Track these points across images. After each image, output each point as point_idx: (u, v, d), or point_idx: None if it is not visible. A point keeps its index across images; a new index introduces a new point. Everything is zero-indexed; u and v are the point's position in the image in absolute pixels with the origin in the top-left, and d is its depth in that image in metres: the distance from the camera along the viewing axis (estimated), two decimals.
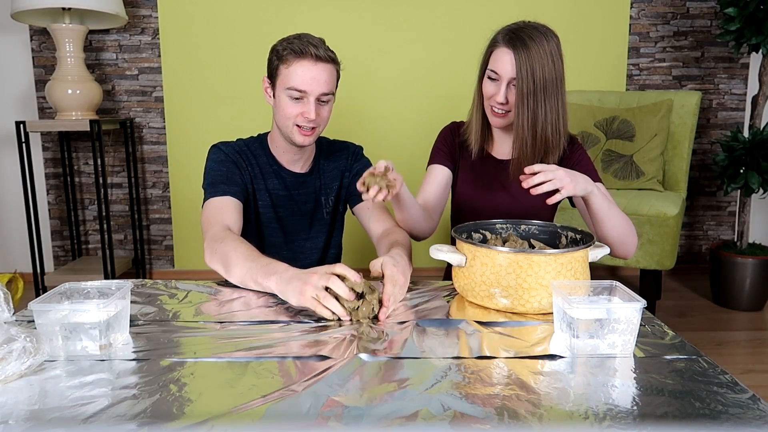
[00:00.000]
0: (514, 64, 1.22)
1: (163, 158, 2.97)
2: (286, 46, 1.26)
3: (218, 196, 1.30)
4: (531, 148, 1.27)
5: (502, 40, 1.25)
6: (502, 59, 1.25)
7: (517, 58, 1.22)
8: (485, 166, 1.42)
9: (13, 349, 0.76)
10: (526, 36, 1.23)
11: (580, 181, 1.11)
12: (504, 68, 1.25)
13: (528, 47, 1.21)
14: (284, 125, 1.31)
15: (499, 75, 1.26)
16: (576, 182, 1.10)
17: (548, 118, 1.25)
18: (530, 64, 1.21)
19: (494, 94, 1.28)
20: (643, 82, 2.98)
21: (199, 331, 0.93)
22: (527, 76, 1.22)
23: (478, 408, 0.68)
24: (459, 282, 1.07)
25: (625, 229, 1.23)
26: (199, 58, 2.86)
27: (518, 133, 1.27)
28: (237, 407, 0.68)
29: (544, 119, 1.25)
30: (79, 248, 2.99)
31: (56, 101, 2.52)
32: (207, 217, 1.29)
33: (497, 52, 1.26)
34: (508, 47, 1.24)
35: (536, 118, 1.25)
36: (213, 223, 1.25)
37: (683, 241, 3.16)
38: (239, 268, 1.11)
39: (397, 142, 2.94)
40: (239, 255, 1.12)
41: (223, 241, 1.17)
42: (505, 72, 1.25)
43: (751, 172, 2.47)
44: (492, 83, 1.29)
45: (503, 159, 1.42)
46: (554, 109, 1.25)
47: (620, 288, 0.90)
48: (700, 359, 0.82)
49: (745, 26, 2.42)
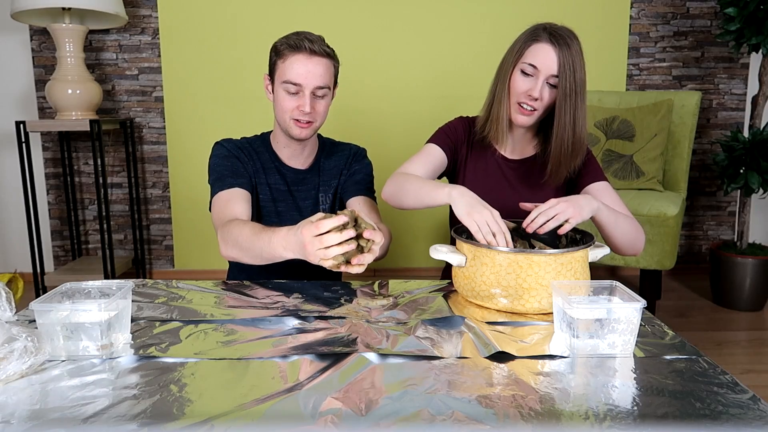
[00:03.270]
0: (557, 60, 1.21)
1: (163, 158, 2.97)
2: (283, 41, 1.31)
3: (226, 189, 1.32)
4: (570, 148, 1.26)
5: (545, 34, 1.23)
6: (545, 54, 1.22)
7: (560, 55, 1.21)
8: (497, 165, 1.40)
9: (14, 349, 0.76)
10: (565, 35, 1.23)
11: (583, 204, 1.11)
12: (546, 63, 1.22)
13: (569, 46, 1.21)
14: (282, 119, 1.34)
15: (538, 70, 1.23)
16: (580, 207, 1.10)
17: (583, 120, 1.25)
18: (573, 63, 1.21)
19: (529, 89, 1.25)
20: (643, 82, 2.98)
21: (199, 331, 0.93)
22: (570, 74, 1.21)
23: (479, 408, 0.68)
24: (459, 282, 1.07)
25: (633, 232, 1.25)
26: (199, 58, 2.86)
27: (558, 132, 1.25)
28: (237, 407, 0.68)
29: (582, 121, 1.25)
30: (79, 248, 2.99)
31: (56, 101, 2.52)
32: (216, 212, 1.31)
33: (538, 46, 1.23)
34: (552, 43, 1.22)
35: (576, 118, 1.24)
36: (222, 217, 1.27)
37: (683, 241, 3.16)
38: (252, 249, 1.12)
39: (396, 142, 2.94)
40: (246, 237, 1.13)
41: (230, 230, 1.19)
42: (546, 67, 1.22)
43: (751, 172, 2.47)
44: (526, 78, 1.26)
45: (515, 159, 1.40)
46: (584, 110, 1.26)
47: (620, 288, 0.90)
48: (700, 359, 0.82)
49: (745, 26, 2.42)
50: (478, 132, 1.38)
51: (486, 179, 1.40)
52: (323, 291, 1.13)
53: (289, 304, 1.05)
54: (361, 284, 1.18)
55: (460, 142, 1.41)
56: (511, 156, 1.41)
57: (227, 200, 1.30)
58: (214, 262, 3.00)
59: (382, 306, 1.05)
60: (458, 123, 1.43)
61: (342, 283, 1.19)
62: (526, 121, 1.29)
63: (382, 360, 0.82)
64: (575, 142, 1.26)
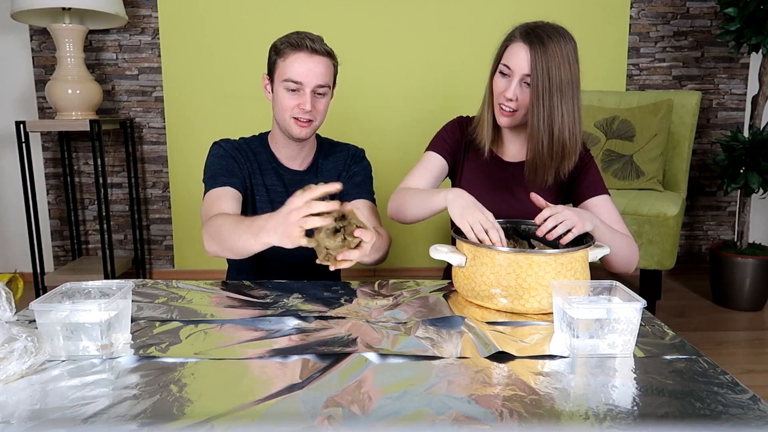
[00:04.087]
0: (529, 60, 1.20)
1: (163, 158, 2.97)
2: (284, 40, 1.31)
3: (217, 187, 1.32)
4: (548, 150, 1.24)
5: (519, 35, 1.23)
6: (516, 54, 1.22)
7: (533, 55, 1.20)
8: (493, 167, 1.39)
9: (14, 349, 0.76)
10: (544, 34, 1.21)
11: (586, 218, 1.11)
12: (518, 63, 1.22)
13: (545, 45, 1.20)
14: (282, 118, 1.34)
15: (511, 70, 1.23)
16: (584, 220, 1.10)
17: (565, 120, 1.22)
18: (546, 62, 1.19)
19: (504, 89, 1.25)
20: (643, 82, 2.98)
21: (199, 331, 0.93)
22: (542, 73, 1.19)
23: (479, 408, 0.68)
24: (459, 282, 1.07)
25: (627, 251, 1.25)
26: (199, 58, 2.86)
27: (533, 133, 1.23)
28: (237, 407, 0.68)
29: (561, 121, 1.22)
30: (79, 248, 2.99)
31: (56, 101, 2.52)
32: (205, 209, 1.30)
33: (512, 47, 1.24)
34: (525, 43, 1.21)
35: (553, 119, 1.22)
36: (209, 213, 1.26)
37: (683, 241, 3.16)
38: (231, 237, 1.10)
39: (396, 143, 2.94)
40: (227, 227, 1.12)
41: (212, 223, 1.18)
42: (518, 67, 1.22)
43: (751, 172, 2.47)
44: (503, 79, 1.26)
45: (512, 161, 1.39)
46: (570, 112, 1.23)
47: (620, 288, 0.90)
48: (700, 359, 0.82)
49: (745, 26, 2.42)
50: (473, 132, 1.39)
51: (482, 181, 1.40)
52: (323, 291, 1.13)
53: (289, 304, 1.05)
54: (361, 284, 1.18)
55: (458, 144, 1.41)
56: (507, 158, 1.40)
57: (216, 198, 1.30)
58: (214, 262, 3.00)
59: (382, 306, 1.05)
60: (455, 124, 1.43)
61: (342, 283, 1.19)
62: (507, 122, 1.29)
63: (382, 360, 0.82)
64: (555, 143, 1.23)
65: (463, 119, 1.45)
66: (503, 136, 1.40)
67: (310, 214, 0.92)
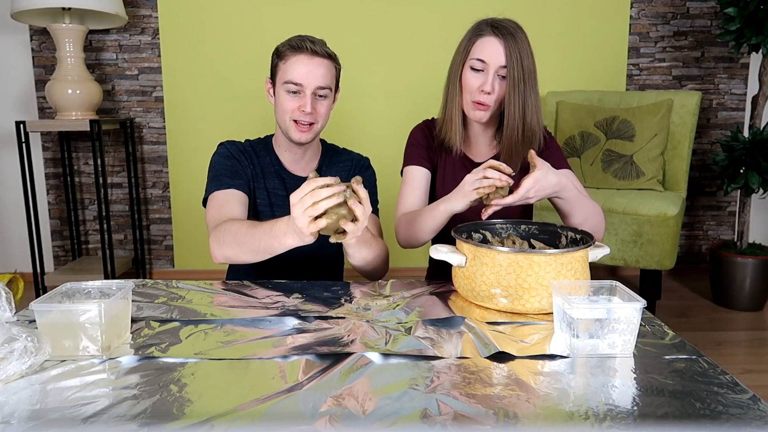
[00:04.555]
0: (503, 51, 1.23)
1: (163, 158, 2.97)
2: (285, 44, 1.31)
3: (222, 189, 1.32)
4: (521, 137, 1.28)
5: (488, 29, 1.25)
6: (490, 47, 1.24)
7: (506, 46, 1.23)
8: (463, 168, 1.38)
9: (14, 349, 0.76)
10: (510, 26, 1.25)
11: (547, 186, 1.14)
12: (492, 56, 1.24)
13: (514, 36, 1.23)
14: (282, 121, 1.34)
15: (486, 63, 1.25)
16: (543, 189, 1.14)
17: (534, 108, 1.27)
18: (519, 52, 1.23)
19: (481, 84, 1.26)
20: (643, 82, 2.98)
21: (199, 331, 0.93)
22: (517, 63, 1.23)
23: (479, 408, 0.68)
24: (459, 282, 1.07)
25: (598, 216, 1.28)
26: (199, 58, 2.86)
27: (509, 123, 1.27)
28: (237, 407, 0.68)
29: (532, 110, 1.27)
30: (79, 248, 2.99)
31: (56, 101, 2.52)
32: (211, 212, 1.30)
33: (484, 40, 1.25)
34: (496, 35, 1.24)
35: (526, 108, 1.26)
36: (218, 218, 1.26)
37: (683, 241, 3.16)
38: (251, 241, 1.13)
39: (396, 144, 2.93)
40: (244, 231, 1.14)
41: (226, 228, 1.19)
42: (493, 60, 1.24)
43: (751, 172, 2.47)
44: (476, 74, 1.27)
45: (481, 161, 1.37)
46: (536, 99, 1.27)
47: (620, 288, 0.90)
48: (700, 359, 0.82)
49: (745, 26, 2.42)
50: (441, 133, 1.39)
51: (454, 181, 1.38)
52: (323, 291, 1.13)
53: (289, 304, 1.05)
54: (361, 284, 1.18)
55: (431, 149, 1.42)
56: (475, 158, 1.40)
57: (224, 202, 1.29)
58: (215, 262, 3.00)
59: (382, 306, 1.05)
60: (422, 130, 1.44)
61: (342, 283, 1.19)
62: (482, 116, 1.30)
63: (382, 360, 0.82)
64: (526, 130, 1.28)
65: (427, 122, 1.45)
66: (470, 135, 1.40)
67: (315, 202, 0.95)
